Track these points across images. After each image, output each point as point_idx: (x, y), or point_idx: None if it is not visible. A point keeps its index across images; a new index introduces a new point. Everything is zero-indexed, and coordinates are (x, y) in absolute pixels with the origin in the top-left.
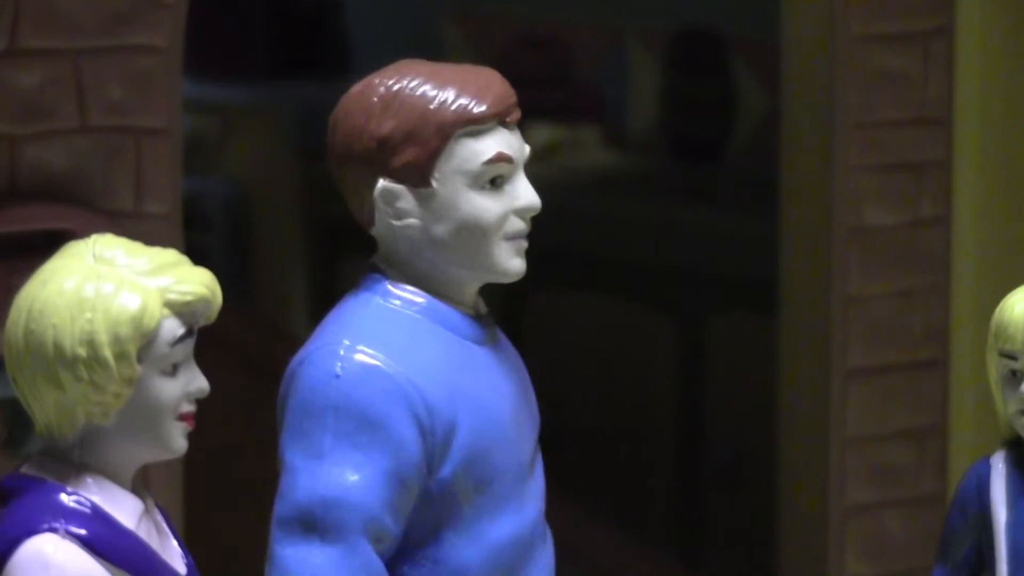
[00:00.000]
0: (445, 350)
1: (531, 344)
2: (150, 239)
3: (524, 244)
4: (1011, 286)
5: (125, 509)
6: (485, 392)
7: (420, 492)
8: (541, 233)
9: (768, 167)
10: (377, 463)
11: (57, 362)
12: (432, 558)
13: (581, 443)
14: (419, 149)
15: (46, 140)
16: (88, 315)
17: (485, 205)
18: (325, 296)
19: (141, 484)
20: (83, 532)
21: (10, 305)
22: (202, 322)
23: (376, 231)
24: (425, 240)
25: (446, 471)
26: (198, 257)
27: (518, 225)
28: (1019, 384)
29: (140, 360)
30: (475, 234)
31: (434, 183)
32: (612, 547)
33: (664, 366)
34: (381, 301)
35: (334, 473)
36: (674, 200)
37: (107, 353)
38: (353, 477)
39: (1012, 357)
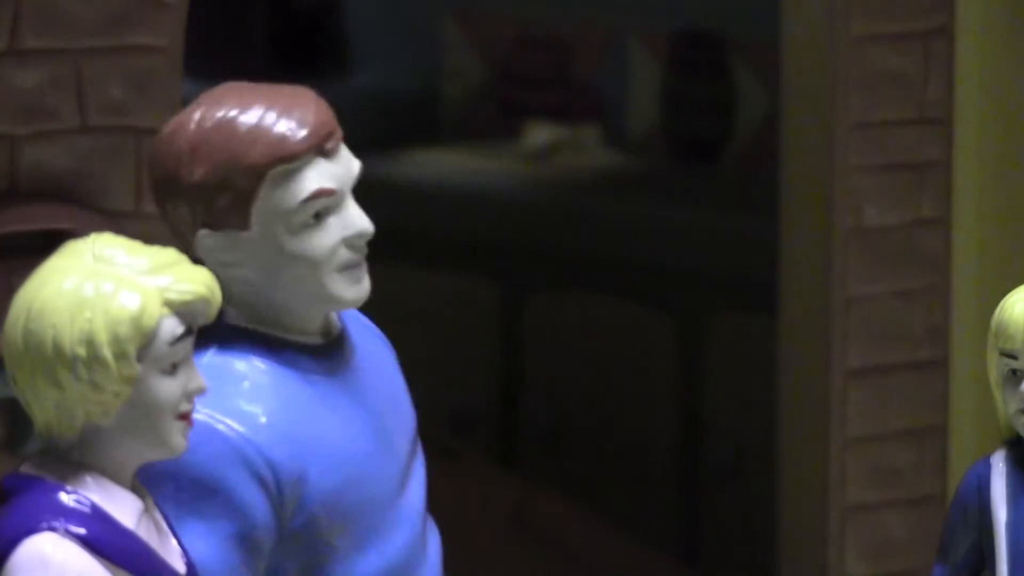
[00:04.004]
0: (289, 395)
1: (531, 344)
2: (150, 239)
3: (361, 270)
4: (1011, 286)
5: (125, 508)
6: (337, 432)
7: (277, 545)
8: (541, 233)
9: (768, 167)
10: (222, 530)
11: (56, 362)
12: None
13: (580, 443)
14: (233, 194)
15: (46, 140)
16: (87, 315)
17: (310, 242)
18: None
19: (141, 483)
20: (82, 531)
21: (10, 305)
22: (201, 321)
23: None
24: (256, 281)
25: (299, 521)
26: (198, 258)
27: (347, 255)
28: (1019, 383)
29: (139, 359)
30: (304, 272)
31: (254, 226)
32: (611, 547)
33: (664, 366)
34: (216, 350)
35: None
36: (674, 200)
37: (106, 353)
38: (199, 548)
39: (1012, 356)
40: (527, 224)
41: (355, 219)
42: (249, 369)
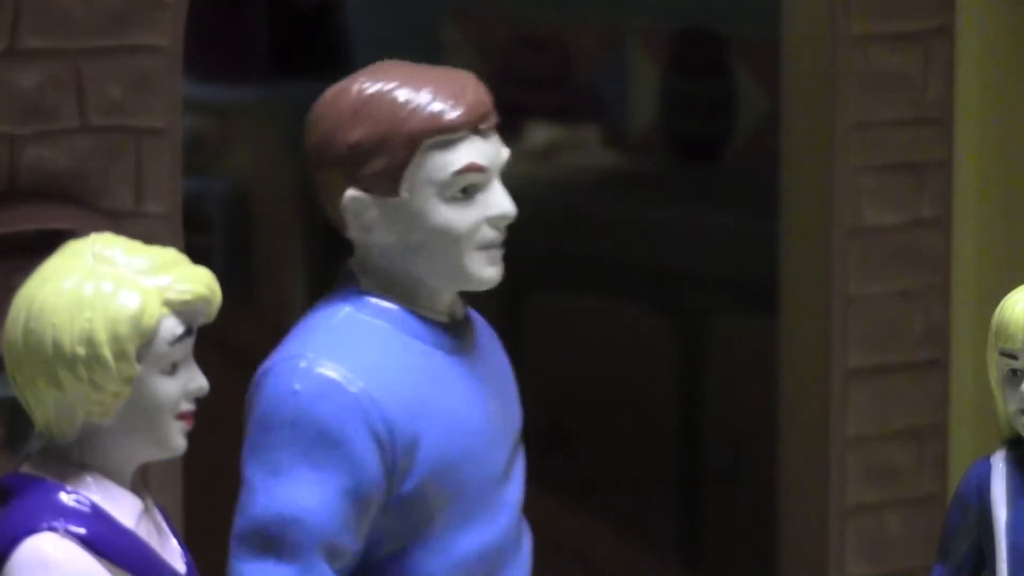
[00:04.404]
0: (412, 362)
1: (531, 344)
2: (150, 239)
3: (498, 252)
4: (1011, 286)
5: (125, 508)
6: (453, 404)
7: (383, 507)
8: (541, 233)
9: (768, 167)
10: (334, 481)
11: (56, 361)
12: (398, 572)
13: (581, 443)
14: (388, 158)
15: (46, 140)
16: (87, 314)
17: (456, 215)
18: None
19: (141, 483)
20: (82, 531)
21: (10, 305)
22: (201, 321)
23: (350, 236)
24: (396, 249)
25: (408, 486)
26: (198, 257)
27: (490, 234)
28: (1019, 383)
29: (139, 359)
30: (446, 244)
31: (403, 193)
32: (612, 547)
33: (664, 366)
34: (351, 311)
35: (291, 491)
36: (674, 200)
37: (106, 352)
38: (310, 496)
39: (1012, 356)
40: (527, 224)
41: (500, 200)
42: (377, 332)
